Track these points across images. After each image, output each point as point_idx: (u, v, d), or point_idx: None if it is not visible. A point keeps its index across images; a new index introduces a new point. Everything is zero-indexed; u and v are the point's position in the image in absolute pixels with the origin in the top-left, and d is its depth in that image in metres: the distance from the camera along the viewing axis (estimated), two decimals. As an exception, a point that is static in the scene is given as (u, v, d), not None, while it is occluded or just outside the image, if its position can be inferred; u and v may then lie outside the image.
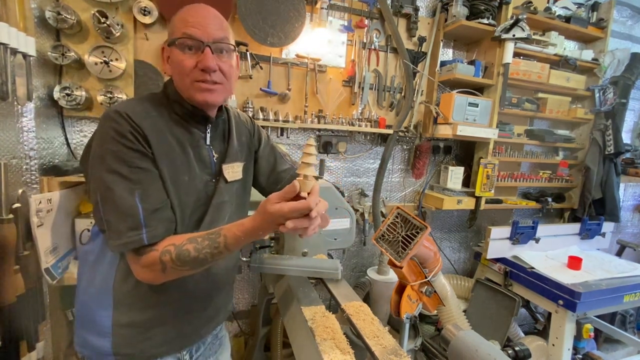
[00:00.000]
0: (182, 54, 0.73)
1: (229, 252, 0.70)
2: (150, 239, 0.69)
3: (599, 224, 2.23)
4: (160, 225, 0.71)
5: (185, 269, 0.70)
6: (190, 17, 0.74)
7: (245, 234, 0.68)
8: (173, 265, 0.69)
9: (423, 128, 2.09)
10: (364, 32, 1.88)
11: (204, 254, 0.69)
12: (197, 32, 0.72)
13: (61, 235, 1.25)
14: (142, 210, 0.68)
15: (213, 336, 1.02)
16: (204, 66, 0.73)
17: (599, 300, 1.70)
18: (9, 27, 0.99)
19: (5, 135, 1.09)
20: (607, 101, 2.20)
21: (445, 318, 1.81)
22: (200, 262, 0.70)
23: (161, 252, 0.69)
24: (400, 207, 0.84)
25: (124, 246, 0.68)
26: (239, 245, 0.70)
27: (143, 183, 0.69)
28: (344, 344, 0.82)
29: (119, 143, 0.68)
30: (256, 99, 1.73)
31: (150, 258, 0.69)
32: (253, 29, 1.61)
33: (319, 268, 1.17)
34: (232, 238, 0.69)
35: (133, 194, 0.68)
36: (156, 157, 0.72)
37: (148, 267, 0.70)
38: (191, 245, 0.69)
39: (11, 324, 1.06)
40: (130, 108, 0.72)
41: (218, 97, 0.78)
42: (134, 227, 0.67)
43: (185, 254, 0.68)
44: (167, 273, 0.70)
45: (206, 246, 0.69)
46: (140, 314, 0.80)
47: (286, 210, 0.63)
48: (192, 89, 0.75)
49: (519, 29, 1.83)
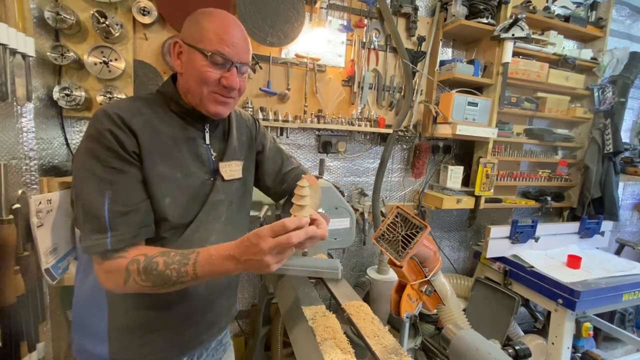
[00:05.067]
0: (208, 66, 0.74)
1: (195, 275, 0.65)
2: (114, 244, 0.66)
3: (598, 222, 2.23)
4: (127, 231, 0.67)
5: (147, 284, 0.65)
6: (226, 34, 0.75)
7: (220, 256, 0.64)
8: (137, 277, 0.65)
9: (422, 127, 2.09)
10: (363, 31, 1.88)
11: (171, 269, 0.64)
12: (230, 52, 0.75)
13: (61, 236, 1.24)
14: (108, 212, 0.66)
15: (217, 342, 1.00)
16: (229, 85, 0.76)
17: (598, 298, 1.70)
18: (8, 28, 0.99)
19: (4, 136, 1.09)
20: (606, 100, 2.20)
21: (445, 317, 1.82)
22: (164, 279, 0.65)
23: (129, 261, 0.65)
24: (400, 207, 0.84)
25: (87, 249, 0.66)
26: (210, 269, 0.65)
27: (115, 184, 0.67)
28: (345, 343, 0.83)
29: (96, 142, 0.67)
30: (256, 98, 1.73)
31: (115, 264, 0.66)
32: (253, 29, 1.61)
33: (319, 268, 1.17)
34: (203, 258, 0.65)
35: (103, 194, 0.66)
36: (145, 153, 0.71)
37: (110, 274, 0.67)
38: (162, 258, 0.66)
39: (11, 325, 1.06)
40: (120, 107, 0.71)
41: (229, 110, 0.83)
42: (98, 230, 0.65)
43: (153, 266, 0.65)
44: (128, 285, 0.66)
45: (176, 261, 0.65)
46: (137, 317, 0.78)
47: (267, 246, 0.61)
48: (207, 99, 0.77)
49: (518, 29, 1.84)
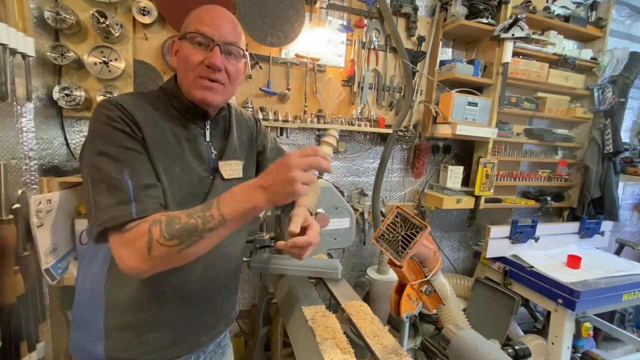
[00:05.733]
0: (191, 48, 0.74)
1: (222, 216, 0.61)
2: (139, 213, 0.64)
3: (598, 222, 2.23)
4: (150, 201, 0.67)
5: (173, 243, 0.61)
6: (206, 15, 0.75)
7: (243, 190, 0.62)
8: (160, 239, 0.61)
9: (422, 127, 2.09)
10: (363, 31, 1.88)
11: (195, 217, 0.62)
12: (209, 30, 0.73)
13: (61, 236, 1.24)
14: (131, 185, 0.65)
15: (215, 345, 0.98)
16: (210, 63, 0.73)
17: (598, 298, 1.70)
18: (8, 28, 0.99)
19: (4, 136, 1.09)
20: (606, 100, 2.20)
21: (445, 317, 1.82)
22: (190, 229, 0.61)
23: (152, 222, 0.62)
24: (400, 207, 0.84)
25: (110, 220, 0.62)
26: (235, 206, 0.62)
27: (132, 163, 0.67)
28: (345, 343, 0.83)
29: (108, 125, 0.67)
30: (256, 98, 1.73)
31: (137, 230, 0.62)
32: (252, 29, 1.61)
33: (319, 268, 1.17)
34: (227, 196, 0.62)
35: (122, 173, 0.65)
36: (148, 145, 0.71)
37: (132, 244, 0.62)
38: (183, 212, 0.63)
39: (11, 325, 1.06)
40: (123, 99, 0.72)
41: (217, 97, 0.78)
42: (123, 201, 0.64)
43: (175, 220, 0.62)
44: (152, 252, 0.61)
45: (199, 209, 0.63)
46: (134, 316, 0.77)
47: (295, 161, 0.61)
48: (193, 84, 0.76)
49: (518, 29, 1.84)
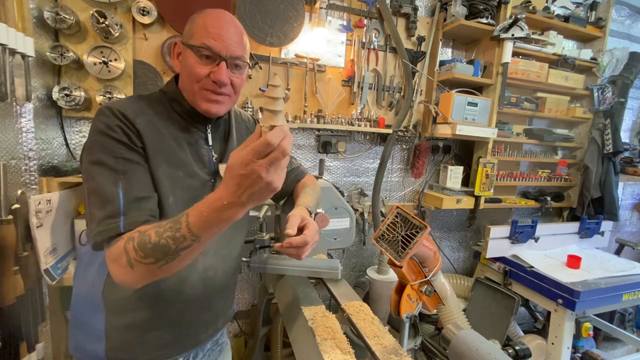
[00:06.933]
0: (197, 60, 0.73)
1: (192, 235, 0.57)
2: (127, 227, 0.63)
3: (598, 222, 2.23)
4: (139, 214, 0.65)
5: (149, 261, 0.59)
6: (212, 26, 0.72)
7: (209, 206, 0.56)
8: (136, 257, 0.59)
9: (422, 127, 2.09)
10: (363, 31, 1.88)
11: (165, 238, 0.58)
12: (216, 45, 0.72)
13: (61, 236, 1.24)
14: (122, 197, 0.65)
15: (213, 342, 1.00)
16: (217, 79, 0.73)
17: (598, 299, 1.70)
18: (7, 28, 0.98)
19: (4, 136, 1.09)
20: (606, 100, 2.20)
21: (445, 317, 1.82)
22: (161, 250, 0.58)
23: (127, 240, 0.61)
24: (400, 207, 0.84)
25: (99, 234, 0.62)
26: (205, 225, 0.57)
27: (127, 174, 0.67)
28: (344, 343, 0.83)
29: (105, 135, 0.67)
30: (255, 98, 1.73)
31: (117, 248, 0.61)
32: (252, 29, 1.61)
33: (318, 268, 1.16)
34: (194, 215, 0.57)
35: (117, 185, 0.65)
36: (150, 151, 0.71)
37: (116, 262, 0.61)
38: (153, 230, 0.59)
39: (11, 325, 1.06)
40: (124, 105, 0.71)
41: (222, 109, 0.79)
42: (112, 214, 0.63)
43: (146, 239, 0.59)
44: (135, 269, 0.60)
45: (168, 229, 0.58)
46: (135, 317, 0.77)
47: (245, 154, 0.52)
48: (198, 95, 0.75)
49: (518, 29, 1.84)
